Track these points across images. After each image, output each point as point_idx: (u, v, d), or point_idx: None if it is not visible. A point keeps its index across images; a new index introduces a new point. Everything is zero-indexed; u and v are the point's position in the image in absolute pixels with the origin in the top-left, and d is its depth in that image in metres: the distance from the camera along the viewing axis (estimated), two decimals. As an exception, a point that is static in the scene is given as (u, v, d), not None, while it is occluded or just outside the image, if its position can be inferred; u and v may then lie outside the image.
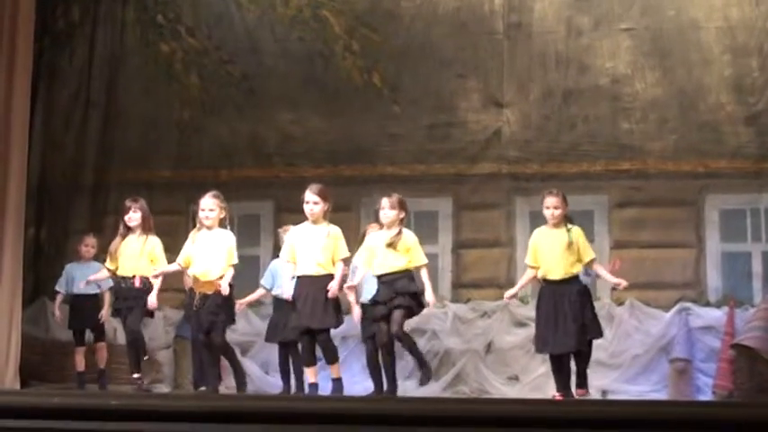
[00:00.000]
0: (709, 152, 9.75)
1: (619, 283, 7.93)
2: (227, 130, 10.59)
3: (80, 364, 9.24)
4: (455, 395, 9.24)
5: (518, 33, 10.17)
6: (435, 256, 9.72)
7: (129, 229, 8.41)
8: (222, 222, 8.06)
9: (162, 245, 8.40)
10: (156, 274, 8.19)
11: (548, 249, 7.85)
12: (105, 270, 8.60)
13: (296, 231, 8.10)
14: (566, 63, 10.09)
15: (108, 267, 8.50)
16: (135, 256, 8.32)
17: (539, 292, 7.99)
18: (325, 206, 7.95)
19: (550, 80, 10.10)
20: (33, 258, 10.26)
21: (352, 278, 8.27)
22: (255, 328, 9.73)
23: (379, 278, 7.91)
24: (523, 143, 10.09)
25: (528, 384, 9.30)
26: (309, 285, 7.86)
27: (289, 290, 7.93)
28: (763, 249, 9.61)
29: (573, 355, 7.79)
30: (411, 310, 7.90)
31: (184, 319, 8.97)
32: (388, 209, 7.91)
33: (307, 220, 8.01)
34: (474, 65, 10.26)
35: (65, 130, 10.94)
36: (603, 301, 9.32)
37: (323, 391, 7.99)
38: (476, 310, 9.74)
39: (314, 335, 7.89)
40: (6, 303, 8.83)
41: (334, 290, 7.82)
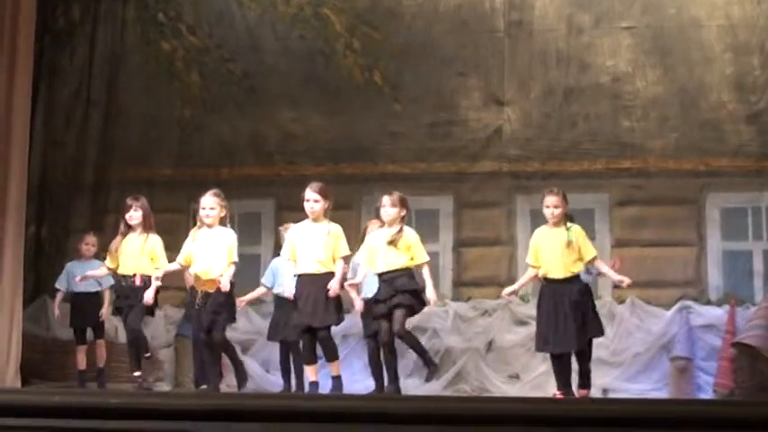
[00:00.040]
0: (711, 150, 9.75)
1: (622, 280, 7.91)
2: (228, 129, 10.59)
3: (81, 362, 9.24)
4: (456, 393, 9.23)
5: (519, 31, 10.18)
6: (436, 254, 9.72)
7: (130, 228, 8.40)
8: (223, 221, 8.06)
9: (163, 243, 8.38)
10: (160, 275, 8.18)
11: (548, 249, 7.84)
12: (104, 268, 8.61)
13: (296, 229, 8.10)
14: (566, 61, 10.09)
15: (108, 266, 8.50)
16: (136, 255, 8.31)
17: (540, 291, 7.98)
18: (325, 204, 7.95)
19: (551, 78, 10.10)
20: (34, 257, 10.27)
21: (353, 275, 8.28)
22: (256, 326, 9.73)
23: (379, 276, 7.90)
24: (524, 141, 10.09)
25: (529, 383, 9.30)
26: (310, 284, 7.86)
27: (290, 288, 7.94)
28: (765, 248, 9.61)
29: (574, 354, 7.79)
30: (412, 309, 7.90)
31: (185, 317, 8.98)
32: (389, 207, 7.91)
33: (307, 218, 8.02)
34: (475, 63, 10.26)
35: (66, 128, 10.94)
36: (605, 299, 9.33)
37: (323, 390, 7.99)
38: (476, 308, 9.74)
39: (315, 333, 7.89)
40: (7, 302, 8.83)
41: (334, 288, 7.81)
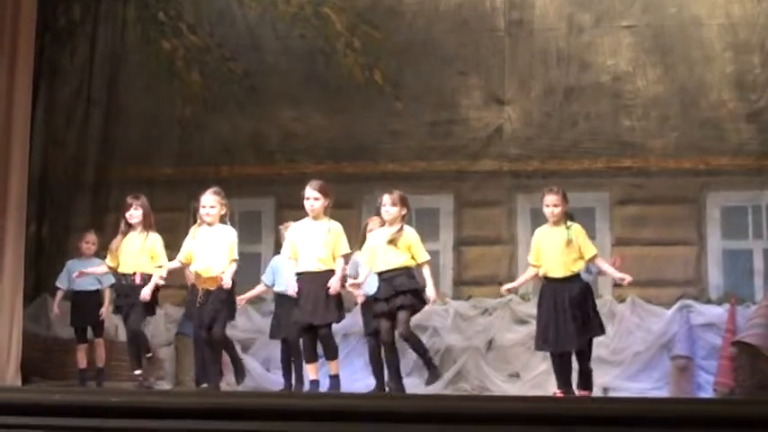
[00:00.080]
0: (711, 149, 9.75)
1: (623, 277, 7.89)
2: (228, 128, 10.59)
3: (82, 361, 9.24)
4: (456, 392, 9.23)
5: (519, 30, 10.17)
6: (437, 253, 9.71)
7: (130, 226, 8.39)
8: (223, 218, 8.06)
9: (163, 242, 8.37)
10: (164, 274, 8.16)
11: (548, 248, 7.84)
12: (104, 266, 8.61)
13: (297, 227, 8.09)
14: (567, 60, 10.08)
15: (109, 264, 8.49)
16: (136, 253, 8.31)
17: (540, 290, 7.97)
18: (325, 202, 7.94)
19: (552, 77, 10.09)
20: (35, 255, 10.27)
21: (354, 273, 8.27)
22: (256, 324, 9.73)
23: (379, 275, 7.88)
24: (525, 140, 10.08)
25: (529, 381, 9.30)
26: (311, 281, 7.85)
27: (293, 285, 7.93)
28: (765, 246, 9.60)
29: (574, 353, 7.79)
30: (414, 309, 7.89)
31: (186, 316, 8.97)
32: (389, 206, 7.89)
33: (307, 216, 8.01)
34: (475, 62, 10.25)
35: (66, 127, 10.95)
36: (605, 298, 9.33)
37: (322, 389, 7.98)
38: (477, 307, 9.74)
39: (315, 331, 7.89)
40: (8, 300, 8.83)
41: (335, 286, 7.81)
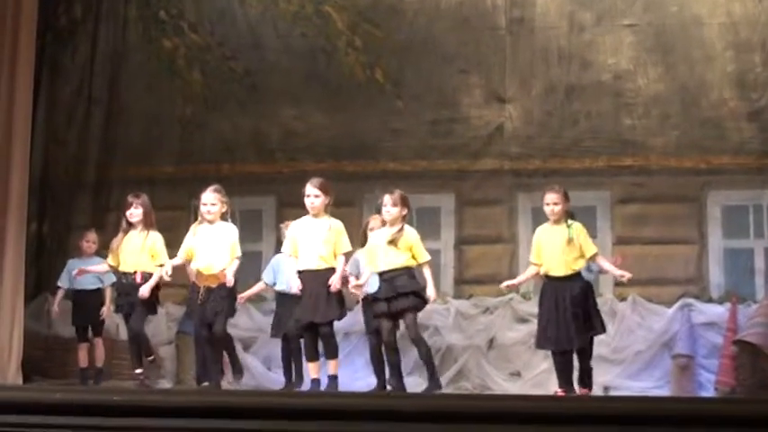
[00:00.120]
0: (712, 148, 9.74)
1: (623, 274, 7.90)
2: (229, 126, 10.59)
3: (83, 360, 9.24)
4: (457, 391, 9.23)
5: (520, 29, 10.16)
6: (438, 252, 9.72)
7: (131, 225, 8.38)
8: (224, 216, 8.06)
9: (163, 240, 8.37)
10: (169, 271, 8.13)
11: (549, 246, 7.84)
12: (105, 264, 8.61)
13: (297, 225, 8.08)
14: (568, 59, 10.08)
15: (110, 263, 8.50)
16: (136, 252, 8.30)
17: (541, 289, 7.97)
18: (325, 199, 7.94)
19: (553, 76, 10.09)
20: (35, 254, 10.27)
21: (356, 271, 8.26)
22: (257, 323, 9.73)
23: (380, 275, 7.88)
24: (526, 139, 10.08)
25: (530, 380, 9.30)
26: (312, 279, 7.85)
27: (296, 283, 7.91)
28: (766, 246, 9.60)
29: (575, 351, 7.79)
30: (417, 309, 7.88)
31: (187, 314, 8.97)
32: (390, 206, 7.88)
33: (307, 214, 8.01)
34: (476, 60, 10.25)
35: (67, 126, 10.94)
36: (606, 296, 9.32)
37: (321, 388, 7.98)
38: (478, 306, 9.73)
39: (316, 329, 7.88)
40: (9, 299, 8.83)
41: (336, 284, 7.81)
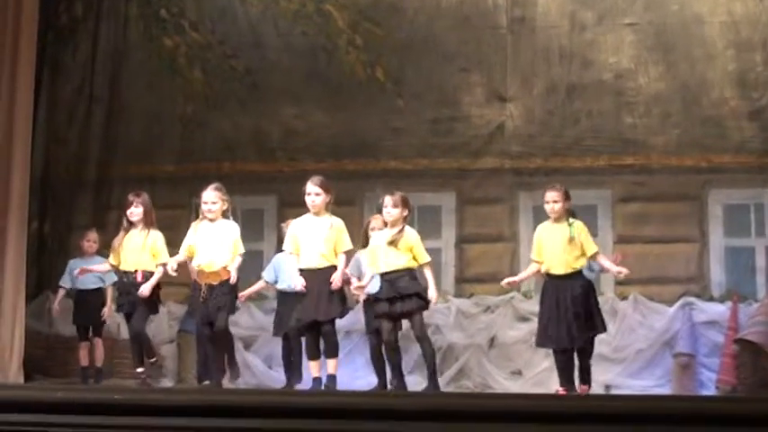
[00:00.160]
0: (713, 147, 9.74)
1: (620, 271, 7.91)
2: (230, 125, 10.58)
3: (84, 359, 9.24)
4: (458, 390, 9.23)
5: (521, 28, 10.16)
6: (438, 250, 9.73)
7: (132, 224, 8.38)
8: (225, 214, 8.05)
9: (164, 239, 8.35)
10: (175, 266, 8.10)
11: (550, 244, 7.84)
12: (106, 264, 8.60)
13: (298, 223, 8.07)
14: (569, 58, 10.08)
15: (111, 262, 8.49)
16: (137, 251, 8.30)
17: (542, 287, 7.98)
18: (326, 198, 7.93)
19: (554, 75, 10.09)
20: (36, 253, 10.27)
21: (357, 272, 8.25)
22: (258, 322, 9.73)
23: (381, 276, 7.88)
24: (527, 138, 10.08)
25: (531, 379, 9.30)
26: (313, 278, 7.85)
27: (299, 281, 7.89)
28: (767, 244, 9.60)
29: (576, 349, 7.78)
30: (422, 309, 7.88)
31: (188, 313, 8.97)
32: (391, 207, 7.87)
33: (308, 212, 8.00)
34: (477, 59, 10.25)
35: (68, 124, 10.94)
36: (607, 295, 9.32)
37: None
38: (479, 304, 9.74)
39: (318, 328, 7.88)
40: (10, 298, 8.84)
41: (337, 282, 7.81)
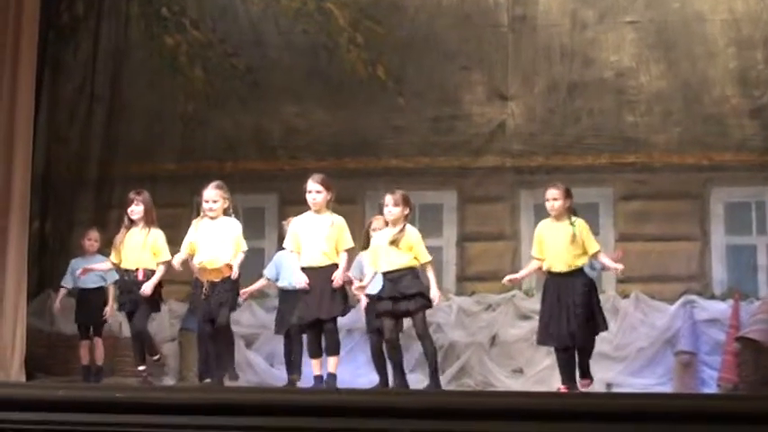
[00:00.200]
0: (714, 145, 9.74)
1: (616, 267, 7.93)
2: (231, 123, 10.58)
3: (84, 357, 9.24)
4: (459, 388, 9.24)
5: (523, 26, 10.16)
6: (440, 249, 9.73)
7: (133, 222, 8.37)
8: (226, 211, 8.05)
9: (165, 237, 8.33)
10: (180, 261, 8.06)
11: (552, 242, 7.84)
12: (108, 262, 8.60)
13: (299, 221, 8.05)
14: (570, 56, 10.07)
15: (112, 261, 8.49)
16: (138, 249, 8.28)
17: (544, 285, 7.97)
18: (327, 195, 7.92)
19: (555, 73, 10.08)
20: (38, 252, 10.27)
21: (359, 274, 8.25)
22: (260, 320, 9.74)
23: (383, 275, 7.87)
24: (528, 136, 10.08)
25: (532, 377, 9.30)
26: (315, 276, 7.83)
27: (303, 278, 7.88)
28: (768, 242, 9.62)
29: (575, 346, 7.77)
30: (425, 308, 7.87)
31: (190, 311, 8.97)
32: (392, 206, 7.86)
33: (309, 210, 7.99)
34: (478, 57, 10.25)
35: (69, 123, 10.94)
36: (608, 293, 9.32)
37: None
38: (480, 302, 9.74)
39: (320, 326, 7.88)
40: (11, 296, 8.84)
41: (338, 280, 7.81)
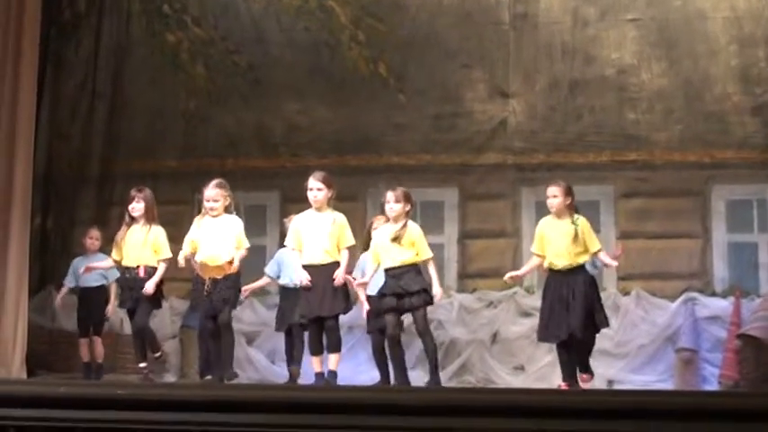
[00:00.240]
0: (716, 142, 9.74)
1: (610, 264, 7.94)
2: (232, 120, 10.58)
3: (85, 355, 9.24)
4: (461, 385, 9.23)
5: (524, 24, 10.16)
6: (441, 246, 9.73)
7: (133, 219, 8.36)
8: (228, 209, 8.04)
9: (166, 234, 8.32)
10: (186, 256, 8.05)
11: (553, 239, 7.82)
12: (109, 260, 8.60)
13: (301, 219, 8.04)
14: (572, 54, 10.07)
15: (114, 258, 8.49)
16: (139, 246, 8.28)
17: (545, 282, 7.97)
18: (329, 193, 7.91)
19: (556, 71, 10.08)
20: (39, 248, 10.26)
21: (361, 275, 8.24)
22: (261, 317, 9.74)
23: (386, 271, 7.86)
24: (529, 133, 10.08)
25: (533, 374, 9.30)
26: (317, 274, 7.83)
27: (305, 276, 7.86)
28: (770, 240, 9.62)
29: (576, 343, 7.76)
30: (426, 304, 7.86)
31: (191, 307, 8.97)
32: (393, 202, 7.86)
33: (310, 207, 7.99)
34: (480, 55, 10.24)
35: (71, 120, 10.94)
36: (609, 290, 9.33)
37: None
38: (481, 300, 9.74)
39: (321, 323, 7.88)
40: (13, 293, 8.84)
41: (339, 278, 7.80)
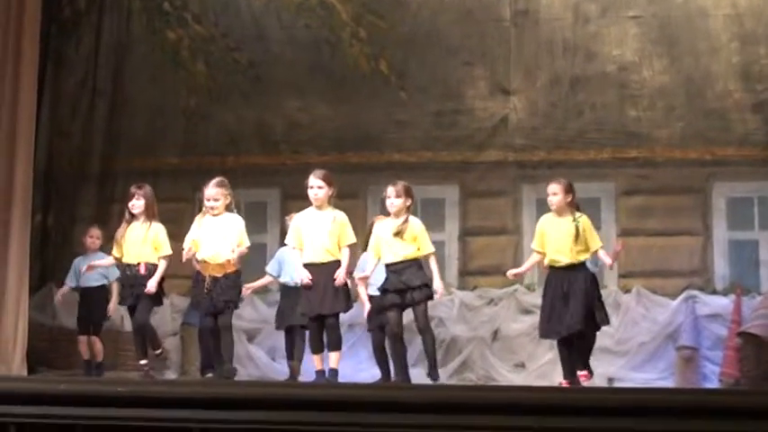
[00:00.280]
0: (717, 140, 9.74)
1: (606, 262, 7.92)
2: (233, 118, 10.58)
3: (85, 352, 9.23)
4: (461, 382, 9.24)
5: (525, 20, 10.16)
6: (442, 243, 9.72)
7: (134, 216, 8.35)
8: (229, 207, 8.04)
9: (166, 231, 8.30)
10: (189, 255, 8.05)
11: (554, 236, 7.80)
12: (110, 258, 8.60)
13: (301, 217, 8.02)
14: (573, 50, 10.07)
15: (114, 255, 8.49)
16: (139, 243, 8.26)
17: (546, 279, 7.95)
18: (329, 191, 7.89)
19: (557, 67, 10.08)
20: (40, 245, 10.28)
21: (362, 269, 8.23)
22: (262, 315, 9.75)
23: (387, 267, 7.86)
24: (530, 130, 10.08)
25: (534, 371, 9.31)
26: (318, 272, 7.80)
27: (305, 274, 7.84)
28: (771, 238, 9.61)
29: (576, 340, 7.75)
30: (428, 300, 7.84)
31: (192, 305, 8.97)
32: (394, 197, 7.84)
33: (311, 206, 7.99)
34: (481, 52, 10.24)
35: (71, 118, 10.94)
36: (610, 288, 9.33)
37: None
38: (482, 297, 9.75)
39: (322, 321, 7.87)
40: (13, 290, 8.85)
41: (341, 277, 7.79)
